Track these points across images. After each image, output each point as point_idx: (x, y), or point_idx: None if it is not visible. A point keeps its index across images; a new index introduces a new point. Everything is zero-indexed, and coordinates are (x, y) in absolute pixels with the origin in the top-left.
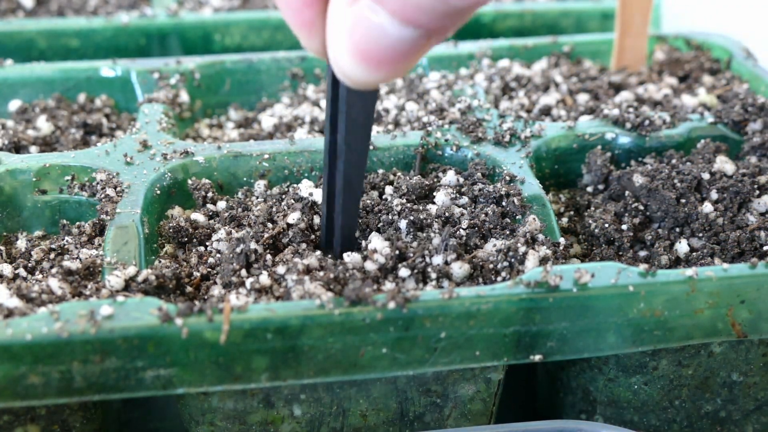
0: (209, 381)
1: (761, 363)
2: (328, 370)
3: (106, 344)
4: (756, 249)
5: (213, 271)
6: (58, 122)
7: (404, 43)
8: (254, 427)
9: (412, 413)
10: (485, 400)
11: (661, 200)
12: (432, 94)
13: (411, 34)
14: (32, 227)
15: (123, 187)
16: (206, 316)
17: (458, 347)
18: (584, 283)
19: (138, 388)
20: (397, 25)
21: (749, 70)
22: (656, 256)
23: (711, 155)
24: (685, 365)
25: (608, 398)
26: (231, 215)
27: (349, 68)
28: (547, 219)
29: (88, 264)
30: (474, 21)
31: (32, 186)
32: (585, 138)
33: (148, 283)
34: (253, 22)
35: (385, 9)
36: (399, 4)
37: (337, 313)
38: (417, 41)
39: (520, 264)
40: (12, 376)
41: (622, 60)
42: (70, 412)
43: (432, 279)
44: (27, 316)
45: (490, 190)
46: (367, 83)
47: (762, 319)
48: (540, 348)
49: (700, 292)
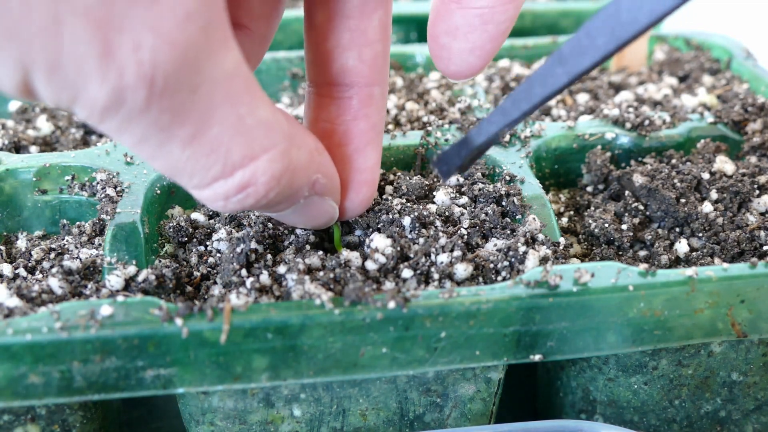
0: (209, 381)
1: (761, 363)
2: (328, 370)
3: (106, 344)
4: (756, 249)
5: (213, 271)
6: (58, 122)
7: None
8: (254, 426)
9: (412, 413)
10: (485, 400)
11: (661, 200)
12: (432, 94)
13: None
14: (32, 227)
15: (123, 186)
16: (206, 316)
17: (458, 347)
18: (584, 283)
19: (138, 388)
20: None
21: (749, 70)
22: (656, 256)
23: (711, 155)
24: (685, 365)
25: (608, 398)
26: (231, 215)
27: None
28: (547, 219)
29: (88, 264)
30: None
31: (32, 186)
32: (585, 138)
33: (148, 282)
34: None
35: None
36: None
37: (337, 312)
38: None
39: (520, 264)
40: (12, 376)
41: (622, 60)
42: (70, 412)
43: (434, 279)
44: (27, 316)
45: (490, 190)
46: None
47: (762, 318)
48: (540, 348)
49: (700, 292)
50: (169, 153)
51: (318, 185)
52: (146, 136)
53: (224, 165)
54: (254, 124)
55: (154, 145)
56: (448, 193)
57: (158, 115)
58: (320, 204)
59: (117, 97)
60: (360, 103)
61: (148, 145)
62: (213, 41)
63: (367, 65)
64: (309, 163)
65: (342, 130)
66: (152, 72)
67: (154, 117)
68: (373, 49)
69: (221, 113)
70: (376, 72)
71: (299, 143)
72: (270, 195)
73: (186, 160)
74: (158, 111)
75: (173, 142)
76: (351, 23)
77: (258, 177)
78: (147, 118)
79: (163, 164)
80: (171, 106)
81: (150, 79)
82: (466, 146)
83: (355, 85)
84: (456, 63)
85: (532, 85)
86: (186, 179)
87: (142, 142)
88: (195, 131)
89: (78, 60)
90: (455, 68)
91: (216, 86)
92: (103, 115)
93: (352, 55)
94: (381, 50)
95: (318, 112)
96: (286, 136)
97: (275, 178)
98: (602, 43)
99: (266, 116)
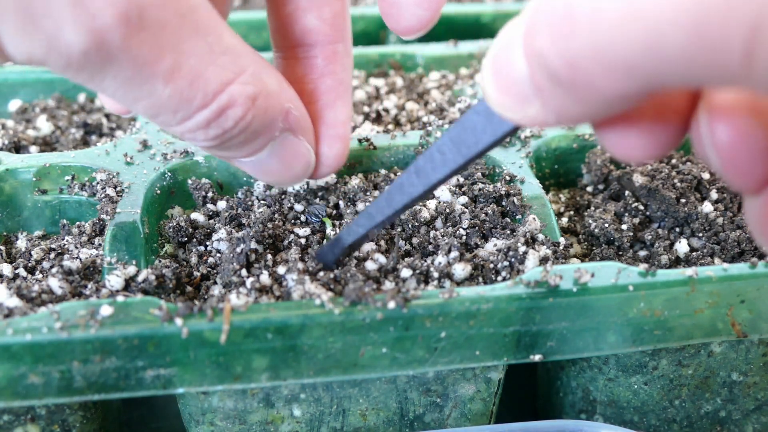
0: (209, 381)
1: (761, 363)
2: (328, 370)
3: (106, 344)
4: (756, 249)
5: (213, 271)
6: (58, 122)
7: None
8: (254, 426)
9: (412, 413)
10: (485, 400)
11: (661, 200)
12: (432, 94)
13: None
14: (32, 227)
15: (123, 186)
16: (206, 316)
17: (458, 347)
18: (584, 283)
19: (138, 388)
20: None
21: None
22: (656, 256)
23: None
24: (685, 365)
25: (608, 398)
26: (231, 215)
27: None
28: (547, 219)
29: (88, 264)
30: (474, 21)
31: (32, 186)
32: (585, 138)
33: (148, 282)
34: (253, 22)
35: None
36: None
37: (337, 312)
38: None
39: (520, 264)
40: (12, 376)
41: None
42: (70, 412)
43: (434, 279)
44: (27, 316)
45: (490, 190)
46: None
47: (762, 318)
48: (540, 348)
49: (700, 292)
50: (152, 91)
51: (291, 116)
52: (128, 77)
53: (204, 94)
54: (222, 50)
55: (136, 85)
56: (449, 188)
57: (137, 52)
58: (296, 145)
59: (94, 39)
60: (325, 61)
61: (130, 86)
62: None
63: (327, 24)
64: (279, 90)
65: (310, 89)
66: (126, 10)
67: (133, 55)
68: (332, 8)
69: (192, 44)
70: (338, 29)
71: (267, 69)
72: (248, 117)
73: (169, 95)
74: (137, 48)
75: (155, 79)
76: None
77: (235, 98)
78: (126, 56)
79: (146, 104)
80: (147, 40)
81: (125, 17)
82: (338, 245)
83: (318, 44)
84: (406, 18)
85: (393, 193)
86: (170, 116)
87: (124, 84)
88: (174, 64)
89: (49, 3)
90: (406, 23)
91: (183, 19)
92: (81, 61)
93: (312, 16)
94: (340, 8)
95: (286, 75)
96: (254, 61)
97: (251, 98)
98: (451, 158)
99: (232, 42)
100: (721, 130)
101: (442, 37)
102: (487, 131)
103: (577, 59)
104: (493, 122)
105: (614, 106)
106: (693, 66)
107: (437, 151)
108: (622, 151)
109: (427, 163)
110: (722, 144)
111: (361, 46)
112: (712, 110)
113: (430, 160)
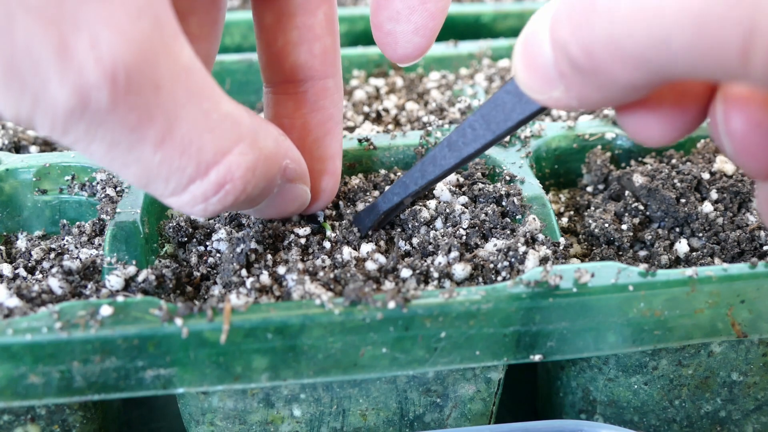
0: (209, 381)
1: (761, 363)
2: (328, 370)
3: (106, 344)
4: (756, 249)
5: (213, 271)
6: None
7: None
8: (254, 426)
9: (412, 413)
10: (485, 400)
11: (661, 200)
12: (432, 94)
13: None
14: (32, 227)
15: (123, 186)
16: (206, 316)
17: (458, 347)
18: (584, 283)
19: (138, 388)
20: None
21: None
22: (656, 256)
23: (711, 155)
24: (685, 365)
25: (608, 398)
26: (231, 215)
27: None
28: (547, 219)
29: (88, 264)
30: (474, 21)
31: (32, 186)
32: (585, 138)
33: (148, 282)
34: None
35: None
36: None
37: (337, 313)
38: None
39: (520, 264)
40: (12, 376)
41: None
42: (70, 412)
43: (434, 279)
44: (27, 316)
45: (490, 190)
46: None
47: (762, 319)
48: (540, 348)
49: (700, 292)
50: (140, 157)
51: (288, 170)
52: (116, 141)
53: (198, 164)
54: (220, 118)
55: (125, 150)
56: (449, 188)
57: (126, 114)
58: (292, 190)
59: (80, 97)
60: (315, 96)
61: (119, 151)
62: (166, 36)
63: (318, 59)
64: (277, 149)
65: (300, 124)
66: (113, 68)
67: (122, 117)
68: (322, 43)
69: (187, 110)
70: (328, 65)
71: (264, 132)
72: (248, 189)
73: (159, 163)
74: (125, 110)
75: (144, 145)
76: (298, 20)
77: (233, 171)
78: (114, 118)
79: (136, 172)
80: (137, 104)
81: (112, 75)
82: (374, 211)
83: (309, 80)
84: (402, 46)
85: (426, 165)
86: (162, 185)
87: (112, 148)
88: (164, 130)
89: (34, 58)
90: (402, 51)
91: (177, 82)
92: (67, 121)
93: (303, 51)
94: (330, 44)
95: (276, 110)
96: (252, 127)
97: (250, 170)
98: (482, 134)
99: (229, 109)
100: (735, 120)
101: (442, 37)
102: (516, 110)
103: (594, 49)
104: (522, 102)
105: (629, 93)
106: (696, 62)
107: (469, 126)
108: (642, 135)
109: (459, 137)
110: (736, 132)
111: (361, 46)
112: (727, 100)
113: (462, 135)
